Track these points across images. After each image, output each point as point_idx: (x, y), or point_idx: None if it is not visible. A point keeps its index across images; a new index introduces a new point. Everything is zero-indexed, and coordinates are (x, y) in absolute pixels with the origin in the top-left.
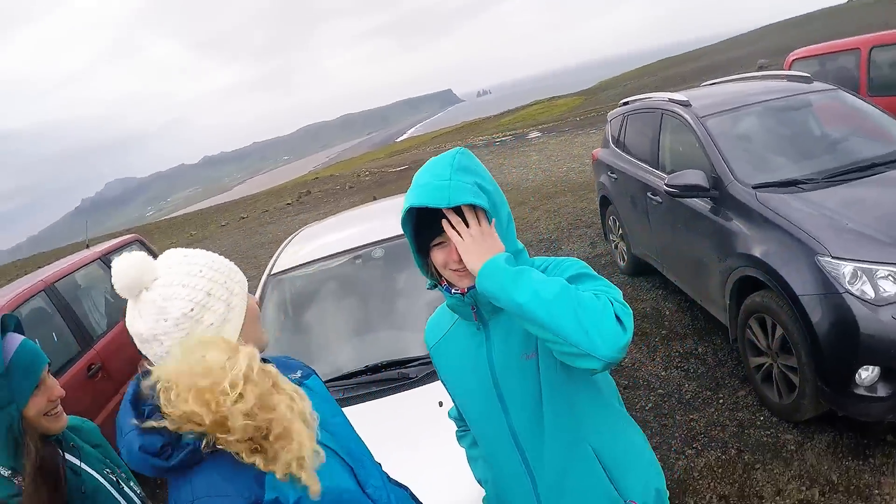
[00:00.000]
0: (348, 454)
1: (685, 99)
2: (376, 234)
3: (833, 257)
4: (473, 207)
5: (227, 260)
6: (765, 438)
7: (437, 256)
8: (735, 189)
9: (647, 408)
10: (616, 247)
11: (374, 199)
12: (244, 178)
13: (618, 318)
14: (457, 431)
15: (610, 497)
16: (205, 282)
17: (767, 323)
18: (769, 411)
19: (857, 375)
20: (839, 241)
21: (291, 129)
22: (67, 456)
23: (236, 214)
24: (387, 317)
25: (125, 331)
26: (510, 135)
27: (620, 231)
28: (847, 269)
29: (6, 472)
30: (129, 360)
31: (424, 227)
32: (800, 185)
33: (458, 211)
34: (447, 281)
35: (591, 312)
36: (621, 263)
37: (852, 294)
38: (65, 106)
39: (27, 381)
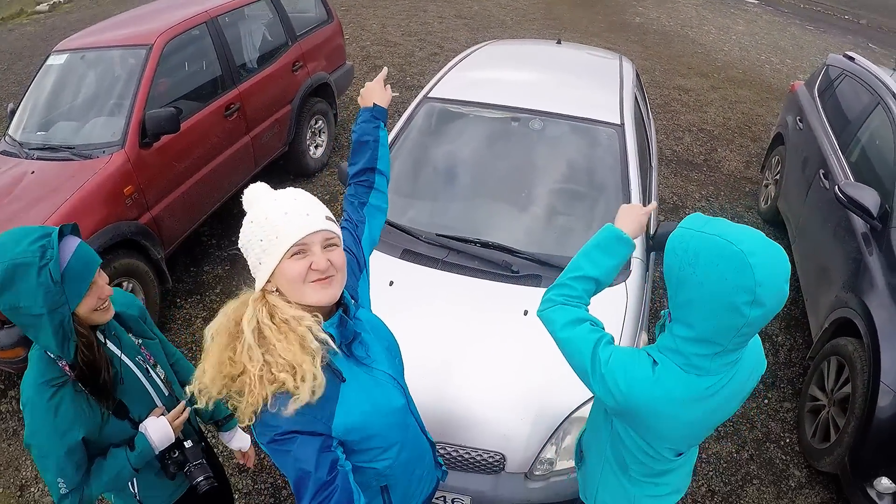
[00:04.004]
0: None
1: None
2: (545, 101)
3: None
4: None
5: (286, 220)
6: (777, 461)
7: None
8: None
9: None
10: (766, 186)
11: (559, 42)
12: None
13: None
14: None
15: None
16: (249, 231)
17: (843, 373)
18: (797, 440)
19: (877, 479)
20: None
21: None
22: (109, 345)
23: None
24: (518, 196)
25: (269, 76)
26: None
27: (777, 177)
28: None
29: (53, 357)
30: (266, 105)
31: None
32: None
33: None
34: None
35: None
36: (762, 205)
37: None
38: None
39: (80, 285)
